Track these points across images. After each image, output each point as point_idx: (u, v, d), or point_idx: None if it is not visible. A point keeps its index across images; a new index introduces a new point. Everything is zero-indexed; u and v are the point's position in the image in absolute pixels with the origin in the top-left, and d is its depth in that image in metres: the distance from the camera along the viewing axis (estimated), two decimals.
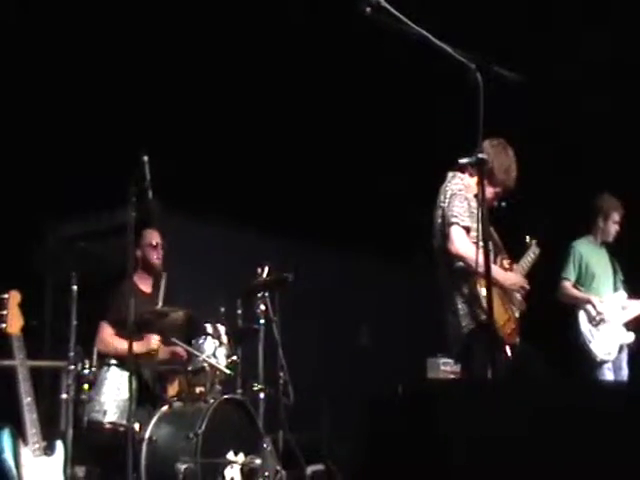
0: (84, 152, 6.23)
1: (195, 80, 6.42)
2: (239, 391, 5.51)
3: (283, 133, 7.04)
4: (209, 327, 5.42)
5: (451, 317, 4.69)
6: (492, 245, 4.05)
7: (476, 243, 4.25)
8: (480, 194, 3.75)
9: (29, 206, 6.18)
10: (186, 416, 5.03)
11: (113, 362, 5.11)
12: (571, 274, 6.50)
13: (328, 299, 8.01)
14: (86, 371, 4.95)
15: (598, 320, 6.33)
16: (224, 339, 5.44)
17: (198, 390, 5.26)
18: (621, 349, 6.35)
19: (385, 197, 7.72)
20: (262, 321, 5.62)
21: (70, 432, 4.66)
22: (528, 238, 5.16)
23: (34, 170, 6.14)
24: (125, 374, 4.94)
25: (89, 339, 5.25)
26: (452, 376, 6.70)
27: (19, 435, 4.17)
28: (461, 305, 4.63)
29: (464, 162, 3.91)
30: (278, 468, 5.14)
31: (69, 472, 4.44)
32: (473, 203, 4.67)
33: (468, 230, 4.59)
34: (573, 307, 6.45)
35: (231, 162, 6.85)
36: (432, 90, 6.66)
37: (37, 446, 4.19)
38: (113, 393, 5.01)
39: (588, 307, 6.38)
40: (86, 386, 4.95)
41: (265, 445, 5.04)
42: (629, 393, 2.65)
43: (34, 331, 4.78)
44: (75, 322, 4.85)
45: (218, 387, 5.28)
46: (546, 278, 5.99)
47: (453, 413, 2.49)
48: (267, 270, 5.67)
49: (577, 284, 6.50)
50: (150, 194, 4.57)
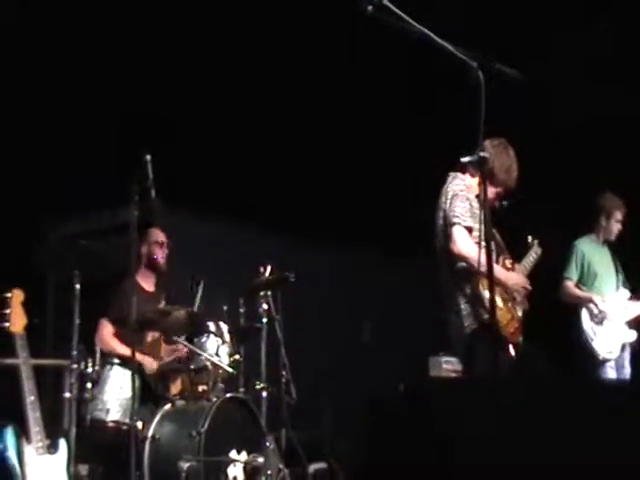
0: (86, 150, 6.23)
1: (196, 79, 6.42)
2: (242, 389, 5.53)
3: (285, 132, 7.04)
4: (212, 326, 5.43)
5: (454, 317, 4.68)
6: (494, 245, 4.04)
7: (478, 243, 4.26)
8: (482, 192, 3.76)
9: (31, 205, 6.18)
10: (189, 414, 5.04)
11: (116, 361, 5.13)
12: (573, 273, 6.50)
13: (330, 297, 8.01)
14: (89, 370, 4.96)
15: (600, 318, 6.33)
16: (227, 338, 5.45)
17: (201, 388, 5.27)
18: (623, 348, 6.35)
19: (387, 194, 7.71)
20: (264, 320, 5.62)
21: (73, 430, 4.67)
22: (530, 238, 5.16)
23: (36, 169, 6.14)
24: (128, 373, 4.94)
25: (92, 338, 5.26)
26: (454, 374, 6.70)
27: (22, 433, 4.17)
28: (464, 305, 4.63)
29: (466, 160, 3.91)
30: (280, 466, 5.14)
31: (72, 470, 4.45)
32: (475, 203, 4.67)
33: (470, 230, 4.59)
34: (575, 305, 6.45)
35: (233, 161, 6.85)
36: (434, 88, 6.65)
37: (40, 444, 4.19)
38: (116, 392, 5.02)
39: (590, 306, 6.38)
40: (89, 385, 4.97)
41: (268, 443, 5.04)
42: (632, 391, 2.64)
43: (37, 330, 4.77)
44: (78, 321, 4.86)
45: (221, 385, 5.28)
46: (548, 277, 5.99)
47: (454, 411, 2.49)
48: (269, 269, 5.68)
49: (579, 283, 6.50)
50: (153, 193, 4.57)
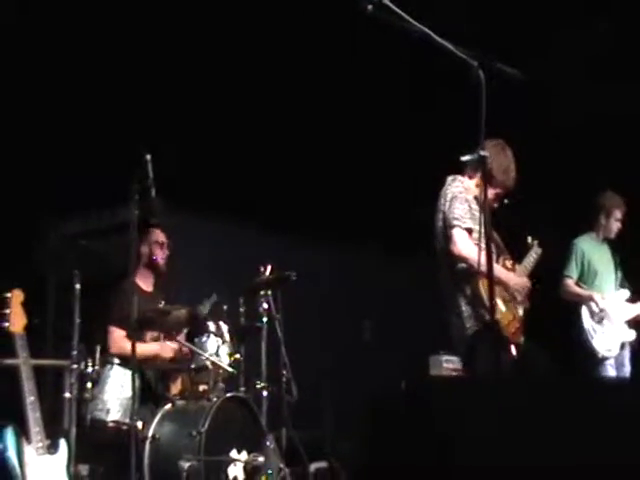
0: (86, 150, 6.23)
1: (196, 78, 6.41)
2: (242, 389, 5.52)
3: (285, 131, 7.03)
4: (212, 325, 5.43)
5: (455, 319, 4.68)
6: (494, 246, 4.04)
7: (478, 244, 4.25)
8: (481, 192, 3.76)
9: (31, 204, 6.17)
10: (189, 414, 5.03)
11: (116, 361, 5.12)
12: (573, 271, 6.49)
13: (331, 297, 8.01)
14: (89, 370, 4.95)
15: (600, 317, 6.33)
16: (227, 337, 5.45)
17: (201, 388, 5.27)
18: (623, 346, 6.35)
19: (388, 193, 7.71)
20: (265, 319, 5.61)
21: (73, 430, 4.65)
22: (530, 238, 5.16)
23: (36, 168, 6.13)
24: (128, 372, 4.93)
25: (92, 338, 5.25)
26: (455, 373, 6.70)
27: (22, 434, 4.17)
28: (465, 307, 4.63)
29: (466, 159, 3.91)
30: (281, 466, 5.13)
31: (72, 470, 4.44)
32: (474, 205, 4.68)
33: (470, 232, 4.59)
34: (575, 304, 6.45)
35: (233, 160, 6.85)
36: (434, 86, 6.65)
37: (40, 444, 4.19)
38: (116, 391, 5.01)
39: (590, 304, 6.38)
40: (89, 385, 4.96)
41: (268, 443, 5.04)
42: (632, 390, 2.65)
43: (37, 330, 4.77)
44: (78, 320, 4.85)
45: (221, 385, 5.28)
46: (548, 275, 5.98)
47: (455, 410, 2.48)
48: (269, 268, 5.67)
49: (579, 281, 6.50)
50: (153, 192, 4.57)
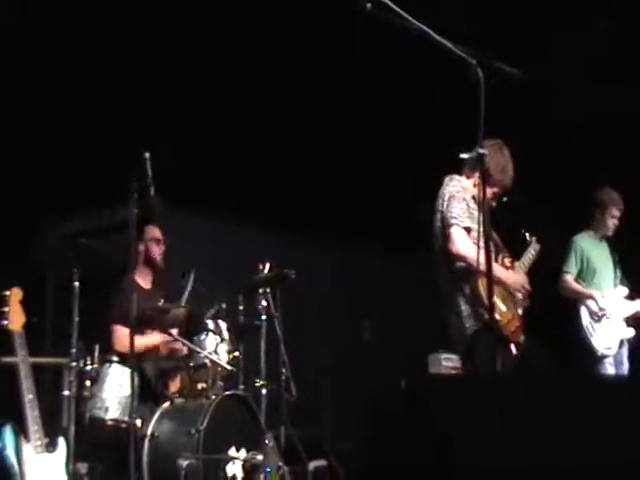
0: (85, 149, 6.22)
1: (196, 77, 6.41)
2: (241, 387, 5.52)
3: (284, 130, 7.03)
4: (211, 323, 5.43)
5: (454, 318, 4.69)
6: (492, 245, 4.04)
7: (477, 243, 4.25)
8: (480, 190, 3.76)
9: (30, 203, 6.17)
10: (188, 412, 5.03)
11: (115, 359, 5.12)
12: (573, 267, 6.48)
13: (330, 295, 8.01)
14: (88, 368, 4.95)
15: (600, 316, 6.32)
16: (226, 335, 5.45)
17: (200, 386, 5.27)
18: (622, 344, 6.35)
19: (387, 192, 7.71)
20: (264, 317, 5.62)
21: (72, 429, 4.65)
22: (528, 235, 5.15)
23: (35, 167, 6.13)
24: (127, 371, 4.93)
25: (91, 336, 5.25)
26: (454, 372, 6.70)
27: (21, 432, 4.17)
28: (464, 306, 4.63)
29: (465, 157, 3.92)
30: (280, 464, 5.14)
31: (71, 469, 4.44)
32: (472, 204, 4.68)
33: (468, 231, 4.59)
34: (575, 302, 6.45)
35: (232, 158, 6.84)
36: (433, 85, 6.64)
37: (39, 443, 4.19)
38: (115, 390, 5.01)
39: (590, 302, 6.37)
40: (88, 383, 4.96)
41: (267, 441, 5.04)
42: (631, 388, 2.64)
43: (36, 328, 4.77)
44: (77, 319, 4.85)
45: (220, 383, 5.28)
46: (547, 273, 5.98)
47: (454, 409, 2.48)
48: (268, 266, 5.67)
49: (578, 278, 6.49)
50: (152, 191, 4.57)
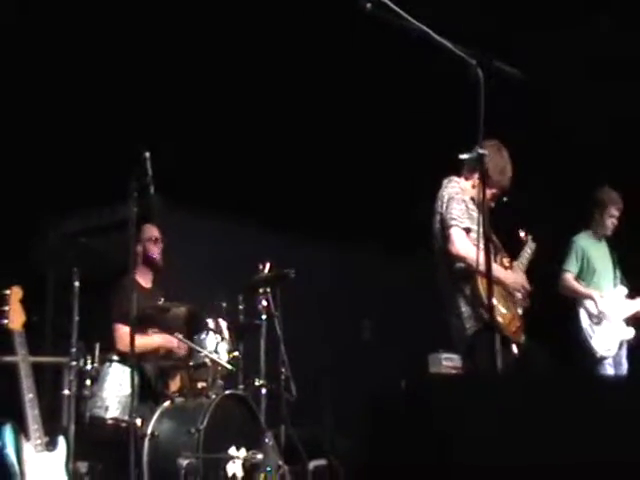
0: (85, 148, 6.22)
1: (196, 76, 6.40)
2: (241, 386, 5.52)
3: (284, 129, 7.02)
4: (211, 322, 5.43)
5: (454, 319, 4.69)
6: (491, 245, 4.05)
7: (476, 244, 4.25)
8: (480, 190, 3.76)
9: (30, 202, 6.17)
10: (188, 411, 5.04)
11: (115, 358, 5.12)
12: (573, 267, 6.47)
13: (330, 295, 8.01)
14: (88, 367, 4.96)
15: (599, 319, 6.31)
16: (226, 334, 5.45)
17: (200, 385, 5.27)
18: (621, 345, 6.35)
19: (388, 191, 7.70)
20: (264, 316, 5.62)
21: (72, 428, 4.65)
22: (523, 234, 5.15)
23: (35, 166, 6.13)
24: (127, 370, 4.93)
25: (91, 335, 5.25)
26: (454, 371, 6.70)
27: (21, 431, 4.17)
28: (464, 307, 4.64)
29: (465, 157, 3.92)
30: (280, 463, 5.14)
31: (71, 468, 4.45)
32: (471, 205, 4.69)
33: (468, 231, 4.59)
34: (574, 302, 6.44)
35: (232, 158, 6.84)
36: (433, 85, 6.64)
37: (39, 442, 4.20)
38: (115, 389, 5.01)
39: (589, 303, 6.36)
40: (88, 382, 4.97)
41: (267, 440, 5.04)
42: (630, 388, 2.64)
43: (36, 327, 4.78)
44: (77, 318, 4.86)
45: (220, 382, 5.28)
46: (547, 272, 5.98)
47: (454, 408, 2.48)
48: (269, 266, 5.68)
49: (578, 278, 6.48)
50: (152, 190, 4.57)
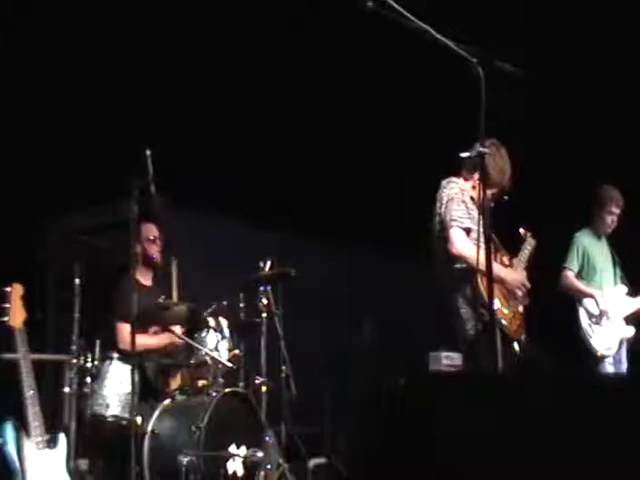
0: (86, 145, 6.22)
1: (196, 75, 6.40)
2: (241, 384, 5.53)
3: (285, 128, 7.02)
4: (211, 321, 5.44)
5: (455, 319, 4.70)
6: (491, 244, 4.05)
7: (477, 244, 4.25)
8: (480, 190, 3.76)
9: (31, 200, 6.17)
10: (189, 409, 5.04)
11: (115, 356, 5.13)
12: (574, 264, 6.45)
13: (331, 293, 8.00)
14: (89, 365, 4.96)
15: (599, 318, 6.31)
16: (226, 332, 5.45)
17: (200, 383, 5.28)
18: (621, 343, 6.34)
19: (389, 191, 7.70)
20: (264, 315, 5.63)
21: (73, 425, 4.67)
22: (522, 231, 5.15)
23: (36, 163, 6.13)
24: (128, 368, 4.94)
25: (92, 332, 5.26)
26: (454, 370, 6.69)
27: (22, 428, 4.18)
28: (465, 307, 4.64)
29: (465, 156, 3.92)
30: (280, 461, 5.15)
31: (72, 465, 4.46)
32: (470, 205, 4.69)
33: (468, 232, 4.59)
34: (573, 302, 6.43)
35: (233, 156, 6.84)
36: (433, 84, 6.64)
37: (40, 439, 4.20)
38: (116, 387, 5.02)
39: (589, 302, 6.34)
40: (89, 380, 4.97)
41: (267, 438, 5.04)
42: (631, 387, 2.64)
43: (37, 324, 4.78)
44: (77, 315, 4.86)
45: (220, 380, 5.28)
46: (548, 270, 5.98)
47: (454, 407, 2.49)
48: (269, 264, 5.68)
49: (578, 276, 6.47)
50: (153, 188, 4.57)
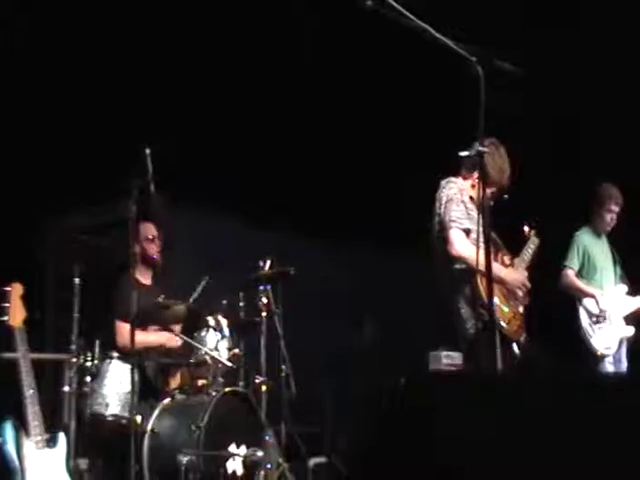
0: (86, 144, 6.22)
1: (194, 75, 6.40)
2: (241, 384, 5.53)
3: (285, 127, 7.02)
4: (211, 320, 5.44)
5: (455, 319, 4.70)
6: (491, 244, 4.05)
7: (476, 245, 4.25)
8: (479, 189, 3.76)
9: (31, 199, 6.17)
10: (188, 409, 5.04)
11: (115, 355, 5.13)
12: (575, 263, 6.44)
13: (331, 292, 8.00)
14: (88, 364, 4.96)
15: (599, 318, 6.30)
16: (226, 332, 5.45)
17: (200, 383, 5.28)
18: (621, 343, 6.34)
19: (390, 191, 7.70)
20: (264, 314, 5.63)
21: (72, 424, 4.67)
22: (526, 229, 5.14)
23: (36, 163, 6.13)
24: (127, 367, 4.94)
25: (92, 332, 5.26)
26: (454, 369, 6.69)
27: (22, 427, 4.18)
28: (465, 307, 4.65)
29: (464, 155, 3.92)
30: (280, 460, 5.15)
31: (72, 464, 4.46)
32: (470, 205, 4.68)
33: (468, 232, 4.59)
34: (573, 302, 6.42)
35: (232, 155, 6.84)
36: (433, 82, 6.63)
37: (40, 438, 4.21)
38: (115, 386, 5.02)
39: (589, 302, 6.34)
40: (89, 379, 4.97)
41: (267, 438, 5.04)
42: (631, 386, 2.64)
43: (36, 324, 4.78)
44: (77, 315, 4.86)
45: (220, 380, 5.28)
46: (547, 269, 5.97)
47: (455, 408, 2.48)
48: (269, 263, 5.68)
49: (579, 275, 6.47)
50: (152, 187, 4.57)
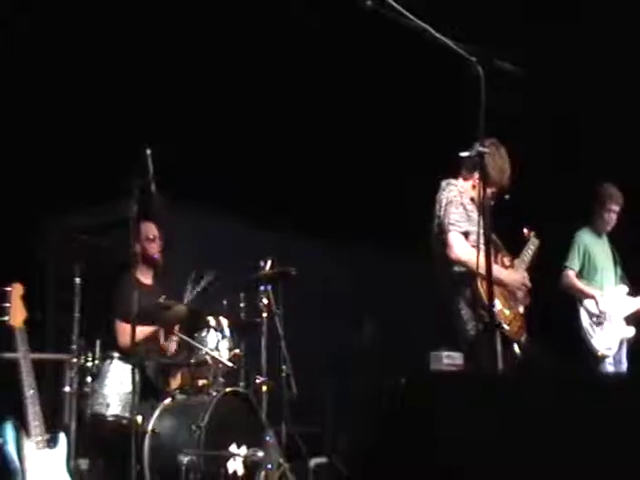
0: (87, 144, 6.22)
1: (194, 75, 6.40)
2: (242, 384, 5.53)
3: (285, 127, 7.02)
4: (212, 320, 5.44)
5: (455, 320, 4.70)
6: (491, 245, 4.05)
7: (476, 246, 4.25)
8: (479, 190, 3.76)
9: (31, 199, 6.17)
10: (189, 409, 5.04)
11: (116, 355, 5.13)
12: (575, 264, 6.44)
13: (331, 292, 8.01)
14: (89, 364, 4.96)
15: (600, 318, 6.30)
16: (227, 332, 5.46)
17: (201, 383, 5.28)
18: (621, 343, 6.34)
19: (390, 191, 7.70)
20: (265, 314, 5.63)
21: (73, 425, 4.67)
22: (526, 231, 5.14)
23: (36, 162, 6.13)
24: (128, 367, 4.94)
25: (92, 332, 5.26)
26: (455, 369, 6.69)
27: (22, 428, 4.18)
28: (465, 309, 4.65)
29: (464, 155, 3.92)
30: (281, 461, 5.15)
31: (72, 465, 4.46)
32: (469, 206, 4.68)
33: (467, 235, 4.59)
34: (575, 301, 6.42)
35: (232, 155, 6.84)
36: (433, 83, 6.64)
37: (40, 439, 4.20)
38: (116, 386, 5.02)
39: (589, 302, 6.34)
40: (89, 379, 4.97)
41: (268, 438, 5.05)
42: (631, 387, 2.64)
43: (37, 324, 4.78)
44: (78, 315, 4.86)
45: (221, 380, 5.28)
46: (549, 270, 5.97)
47: (455, 408, 2.48)
48: (270, 263, 5.68)
49: (579, 275, 6.46)
50: (153, 187, 4.58)
